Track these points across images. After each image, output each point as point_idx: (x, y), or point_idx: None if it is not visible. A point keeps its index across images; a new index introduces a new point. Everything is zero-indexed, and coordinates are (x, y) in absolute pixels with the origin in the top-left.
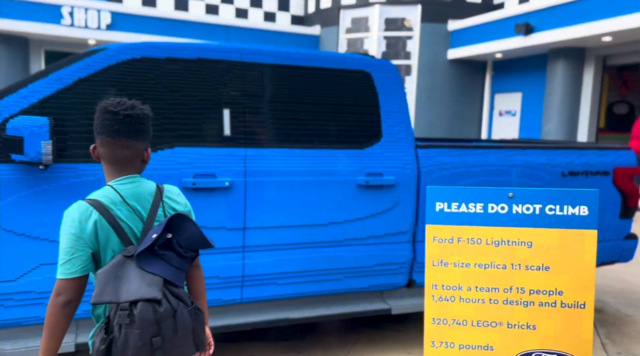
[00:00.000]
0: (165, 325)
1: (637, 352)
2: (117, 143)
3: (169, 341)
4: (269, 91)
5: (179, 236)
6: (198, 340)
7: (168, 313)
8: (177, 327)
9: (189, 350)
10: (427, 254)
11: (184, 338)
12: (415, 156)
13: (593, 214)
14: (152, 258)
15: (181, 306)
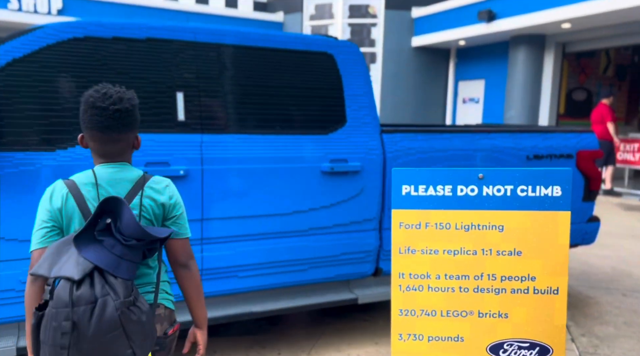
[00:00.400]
0: (81, 310)
1: (599, 333)
2: (108, 138)
3: (84, 329)
4: (227, 73)
5: (118, 223)
6: (134, 344)
7: (85, 299)
8: (95, 317)
9: (120, 348)
10: (394, 241)
11: (107, 331)
12: (381, 141)
13: (566, 195)
14: (89, 243)
15: (109, 297)
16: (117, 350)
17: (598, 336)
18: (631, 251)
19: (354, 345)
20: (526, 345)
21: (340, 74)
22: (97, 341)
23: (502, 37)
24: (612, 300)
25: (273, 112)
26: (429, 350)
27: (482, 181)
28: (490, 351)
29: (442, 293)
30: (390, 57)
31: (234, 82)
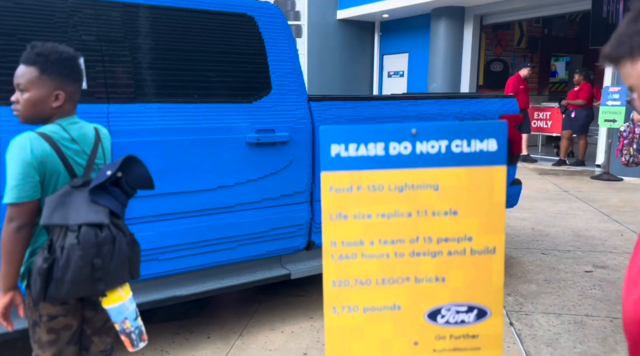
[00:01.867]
0: (106, 249)
1: (523, 291)
2: (79, 87)
3: (107, 264)
4: (134, 36)
5: (128, 176)
6: (133, 268)
7: (108, 239)
8: (115, 253)
9: (124, 276)
10: (324, 207)
11: (121, 264)
12: (309, 110)
13: (502, 148)
14: (103, 193)
15: (120, 235)
16: (122, 276)
17: (522, 294)
18: (547, 213)
19: (288, 321)
20: (464, 308)
21: (263, 37)
22: (113, 273)
23: (423, 10)
24: (533, 259)
25: (189, 79)
26: (365, 322)
27: (415, 137)
28: (428, 318)
29: (377, 259)
30: (315, 30)
31: (143, 47)
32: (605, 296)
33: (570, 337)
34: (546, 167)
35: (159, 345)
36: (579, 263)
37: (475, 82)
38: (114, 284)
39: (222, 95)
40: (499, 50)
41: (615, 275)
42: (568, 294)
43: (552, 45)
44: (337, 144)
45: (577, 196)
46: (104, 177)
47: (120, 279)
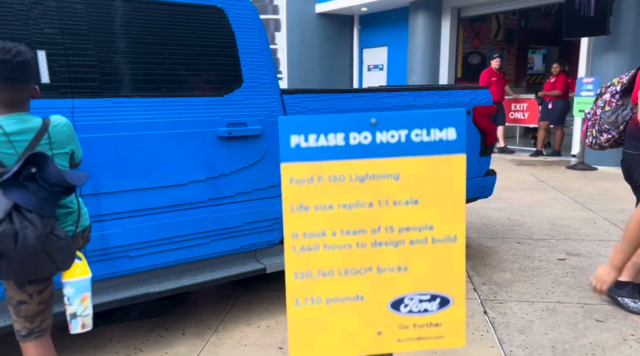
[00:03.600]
0: (6, 242)
1: (498, 280)
2: (13, 88)
3: (12, 255)
4: (101, 29)
5: (42, 172)
6: (59, 261)
7: (7, 233)
8: (19, 245)
9: (46, 266)
10: (284, 199)
11: (32, 255)
12: (282, 103)
13: (461, 137)
14: (15, 187)
15: (28, 229)
16: (43, 267)
17: (497, 283)
18: (523, 203)
19: (265, 316)
20: (427, 297)
21: (233, 30)
22: (25, 262)
23: (401, 3)
24: (508, 248)
25: (158, 73)
26: (328, 313)
27: (375, 127)
28: (391, 308)
29: (339, 250)
30: (294, 24)
31: (109, 40)
32: (577, 283)
33: (542, 324)
34: (524, 158)
35: (132, 343)
36: (553, 251)
37: (453, 74)
38: (30, 275)
39: (192, 88)
40: (477, 43)
41: (587, 262)
42: (541, 282)
43: (528, 38)
44: (296, 134)
45: (553, 186)
46: (11, 172)
47: (38, 270)
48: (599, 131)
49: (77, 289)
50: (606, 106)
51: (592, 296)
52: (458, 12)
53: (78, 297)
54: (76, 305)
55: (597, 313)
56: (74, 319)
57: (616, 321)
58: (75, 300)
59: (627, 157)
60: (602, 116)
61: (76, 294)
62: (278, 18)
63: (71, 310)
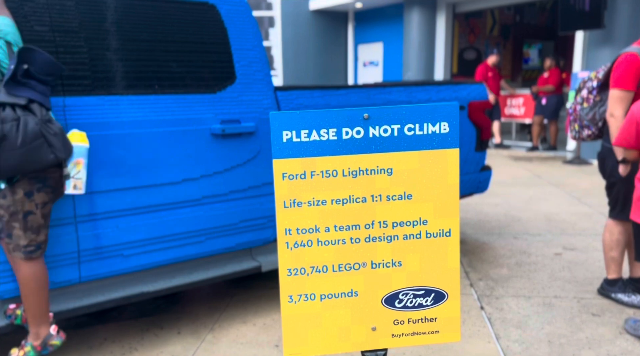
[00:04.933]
0: (8, 125)
1: (494, 275)
2: None
3: (13, 139)
4: (92, 26)
5: (35, 66)
6: (57, 148)
7: (10, 117)
8: (20, 129)
9: (45, 154)
10: (277, 194)
11: (32, 140)
12: (275, 99)
13: (454, 131)
14: (17, 86)
15: (30, 116)
16: (43, 155)
17: (493, 278)
18: (519, 198)
19: (260, 313)
20: (421, 292)
21: (225, 26)
22: (24, 148)
23: None
24: (504, 243)
25: (150, 70)
26: (322, 309)
27: (368, 122)
28: (385, 303)
29: (333, 246)
30: (288, 21)
31: (101, 37)
32: (573, 277)
33: (538, 319)
34: (520, 154)
35: (127, 342)
36: (549, 246)
37: (449, 70)
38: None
39: (185, 85)
40: (472, 39)
41: (583, 257)
42: (538, 277)
43: (524, 33)
44: (288, 130)
45: (549, 181)
46: (9, 73)
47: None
48: (580, 126)
49: (75, 154)
50: (584, 103)
51: (588, 291)
52: (453, 7)
53: (72, 160)
54: (70, 167)
55: (593, 307)
56: (67, 180)
57: (612, 315)
58: (69, 163)
59: (603, 150)
60: (581, 112)
61: (73, 157)
62: (272, 15)
63: (65, 171)
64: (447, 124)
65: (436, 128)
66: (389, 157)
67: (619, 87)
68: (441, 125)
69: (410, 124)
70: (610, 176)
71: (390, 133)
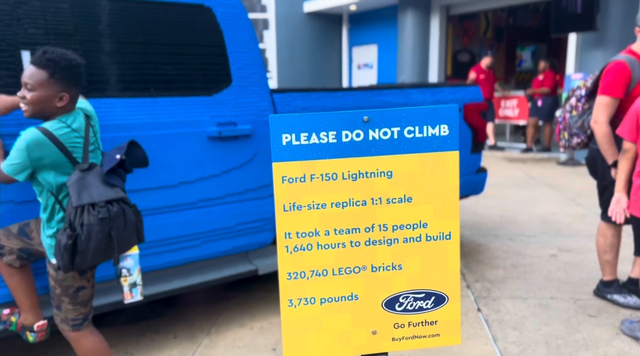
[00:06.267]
0: (118, 221)
1: (491, 277)
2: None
3: (121, 233)
4: (87, 29)
5: (129, 158)
6: (140, 234)
7: (120, 212)
8: (127, 223)
9: (133, 241)
10: (277, 198)
11: (131, 231)
12: (272, 102)
13: (454, 133)
14: (112, 174)
15: (127, 207)
16: (132, 241)
17: (490, 280)
18: (514, 200)
19: (257, 317)
20: (422, 295)
21: (221, 29)
22: (126, 237)
23: (390, 1)
24: (500, 245)
25: (146, 73)
26: (323, 313)
27: (367, 125)
28: (385, 307)
29: (333, 249)
30: (283, 23)
31: (96, 40)
32: (569, 278)
33: (535, 320)
34: (514, 155)
35: (122, 347)
36: (545, 247)
37: (443, 72)
38: (126, 249)
39: (181, 88)
40: (466, 41)
41: (578, 257)
42: (534, 279)
43: (517, 35)
44: (287, 133)
45: (544, 182)
46: (114, 161)
47: (130, 243)
48: (570, 134)
49: (135, 262)
50: (573, 111)
51: (584, 292)
52: (447, 9)
53: (137, 268)
54: (136, 275)
55: (589, 308)
56: (134, 288)
57: (608, 316)
58: (135, 270)
59: (593, 153)
60: (570, 120)
61: (135, 266)
62: (266, 17)
63: (131, 279)
64: (446, 127)
65: (436, 131)
66: (388, 160)
67: (605, 94)
68: (441, 127)
69: (410, 126)
70: (602, 179)
71: (390, 136)
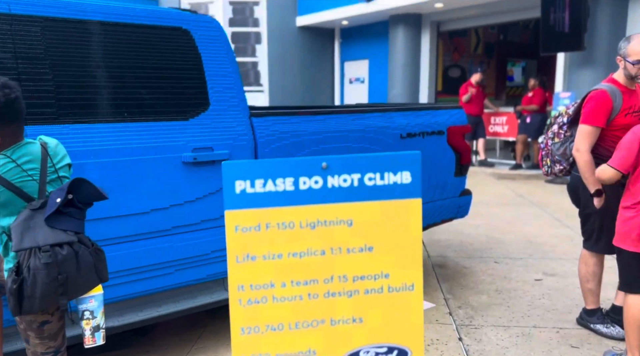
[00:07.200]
0: (68, 264)
1: (474, 303)
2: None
3: (73, 277)
4: (59, 52)
5: (78, 195)
6: (101, 274)
7: (70, 255)
8: (80, 266)
9: (92, 282)
10: (229, 248)
11: (87, 273)
12: (250, 126)
13: (416, 180)
14: (59, 217)
15: (82, 248)
16: (91, 282)
17: (473, 306)
18: (502, 219)
19: None
20: (384, 349)
21: (199, 52)
22: (80, 281)
23: (381, 17)
24: (485, 268)
25: (119, 98)
26: None
27: (326, 171)
28: None
29: (289, 302)
30: (275, 37)
31: (68, 64)
32: (553, 305)
33: (517, 351)
34: (503, 172)
35: None
36: (530, 271)
37: (434, 88)
38: (81, 292)
39: (156, 113)
40: (457, 57)
41: (563, 283)
42: (518, 305)
43: (508, 51)
44: (242, 180)
45: (532, 201)
46: (54, 205)
47: (88, 286)
48: (552, 161)
49: (99, 303)
50: (555, 138)
51: (568, 320)
52: (437, 26)
53: (100, 310)
54: (99, 317)
55: (572, 338)
56: (97, 332)
57: (591, 347)
58: (98, 312)
59: (575, 180)
60: (552, 147)
61: (99, 307)
62: (259, 31)
63: (94, 322)
64: (409, 174)
65: (398, 178)
66: (348, 208)
67: (587, 123)
68: (403, 175)
69: (371, 173)
70: (585, 207)
71: (350, 183)
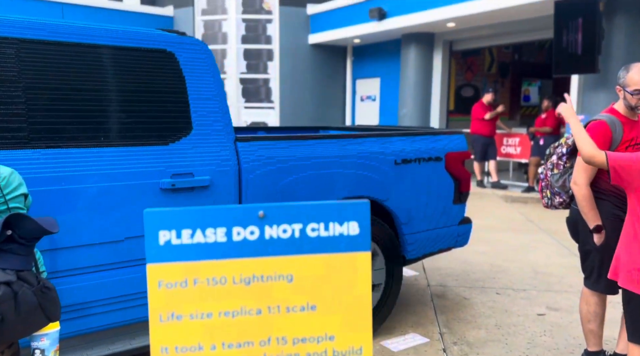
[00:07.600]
0: (6, 305)
1: (471, 338)
2: None
3: (11, 318)
4: (34, 75)
5: (19, 231)
6: (50, 313)
7: (8, 296)
8: (19, 306)
9: (40, 322)
10: (151, 306)
11: (30, 314)
12: (235, 151)
13: (365, 232)
14: None
15: (24, 287)
16: (38, 323)
17: (469, 342)
18: (508, 245)
19: None
20: None
21: (184, 74)
22: (22, 323)
23: (393, 35)
24: (486, 299)
25: (95, 121)
26: None
27: (264, 221)
28: None
29: None
30: (287, 54)
31: (43, 87)
32: (554, 344)
33: None
34: (515, 194)
35: None
36: (533, 304)
37: (445, 107)
38: (24, 334)
39: (134, 137)
40: (470, 76)
41: (567, 319)
42: (516, 343)
43: (522, 71)
44: (166, 230)
45: (541, 227)
46: None
47: (31, 328)
48: (552, 193)
49: (52, 341)
50: (554, 169)
51: None
52: (450, 45)
53: (53, 349)
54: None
55: None
56: None
57: None
58: (50, 352)
59: (574, 214)
60: (551, 178)
61: (51, 346)
62: (271, 48)
63: None
64: (356, 224)
65: (344, 229)
66: (288, 262)
67: None
68: (350, 225)
69: (314, 223)
70: (584, 243)
71: (290, 234)
